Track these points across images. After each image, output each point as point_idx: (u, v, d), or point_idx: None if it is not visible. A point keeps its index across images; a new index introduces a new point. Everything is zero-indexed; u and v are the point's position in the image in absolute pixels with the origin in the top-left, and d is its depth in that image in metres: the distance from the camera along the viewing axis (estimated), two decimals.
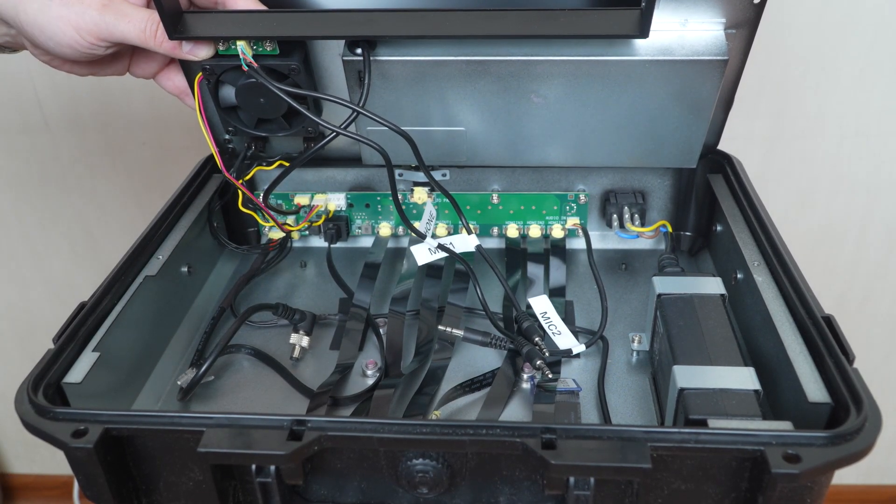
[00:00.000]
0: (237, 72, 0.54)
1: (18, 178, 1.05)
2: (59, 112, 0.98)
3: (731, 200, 0.62)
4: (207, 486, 0.43)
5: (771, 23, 0.84)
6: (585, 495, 0.39)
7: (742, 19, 0.53)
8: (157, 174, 1.03)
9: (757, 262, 0.55)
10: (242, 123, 0.59)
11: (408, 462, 0.42)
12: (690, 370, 0.46)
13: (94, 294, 0.52)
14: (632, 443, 0.38)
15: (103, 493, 0.42)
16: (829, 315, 0.47)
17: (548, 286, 0.64)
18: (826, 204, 1.00)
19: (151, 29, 0.50)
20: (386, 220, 0.71)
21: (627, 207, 0.67)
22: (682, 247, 0.69)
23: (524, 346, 0.54)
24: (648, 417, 0.53)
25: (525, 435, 0.39)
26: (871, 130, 0.94)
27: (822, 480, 0.39)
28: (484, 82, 0.55)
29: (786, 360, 0.46)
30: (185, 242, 0.62)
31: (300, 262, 0.71)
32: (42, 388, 0.45)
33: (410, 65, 0.55)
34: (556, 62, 0.54)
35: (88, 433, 0.40)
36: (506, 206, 0.69)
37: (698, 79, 0.54)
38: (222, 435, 0.40)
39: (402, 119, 0.57)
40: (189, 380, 0.53)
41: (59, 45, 0.50)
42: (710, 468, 0.40)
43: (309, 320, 0.60)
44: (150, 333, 0.57)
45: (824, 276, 1.07)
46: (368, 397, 0.53)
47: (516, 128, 0.59)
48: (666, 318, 0.52)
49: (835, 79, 0.90)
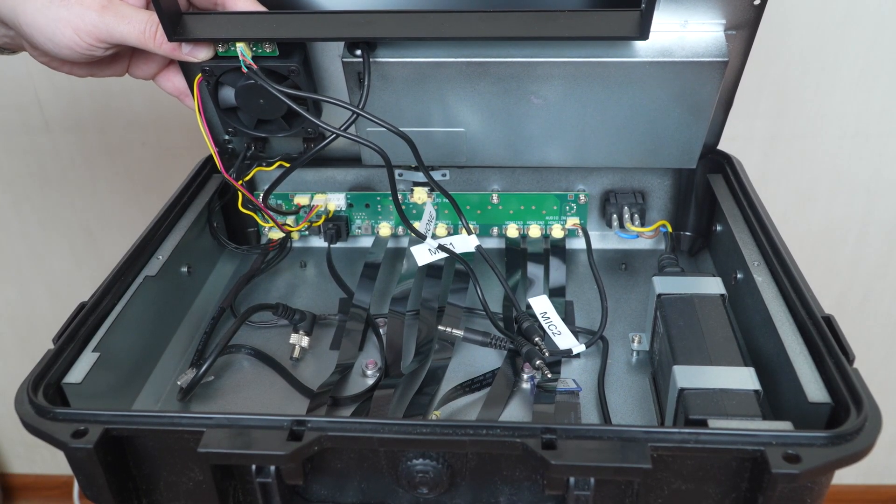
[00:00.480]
0: (237, 73, 0.54)
1: (18, 178, 1.05)
2: (59, 112, 0.98)
3: (731, 200, 0.62)
4: (207, 486, 0.43)
5: (771, 23, 0.84)
6: (585, 495, 0.39)
7: (742, 20, 0.53)
8: (157, 174, 1.03)
9: (757, 262, 0.55)
10: (242, 124, 0.59)
11: (408, 462, 0.42)
12: (690, 370, 0.46)
13: (94, 294, 0.52)
14: (632, 443, 0.38)
15: (103, 494, 0.42)
16: (829, 315, 0.47)
17: (548, 286, 0.64)
18: (826, 204, 1.00)
19: (151, 30, 0.50)
20: (386, 220, 0.71)
21: (627, 207, 0.67)
22: (682, 247, 0.69)
23: (524, 346, 0.54)
24: (648, 417, 0.53)
25: (525, 435, 0.39)
26: (871, 130, 0.94)
27: (822, 480, 0.39)
28: (484, 84, 0.55)
29: (786, 360, 0.46)
30: (185, 242, 0.62)
31: (300, 262, 0.71)
32: (42, 388, 0.45)
33: (410, 66, 0.55)
34: (556, 63, 0.53)
35: (88, 433, 0.40)
36: (506, 206, 0.69)
37: (698, 80, 0.54)
38: (222, 435, 0.40)
39: (402, 120, 0.57)
40: (189, 380, 0.53)
41: (57, 47, 0.50)
42: (711, 468, 0.40)
43: (309, 320, 0.60)
44: (150, 333, 0.57)
45: (824, 276, 1.07)
46: (368, 397, 0.53)
47: (516, 129, 0.58)
48: (666, 318, 0.52)
49: (835, 79, 0.90)
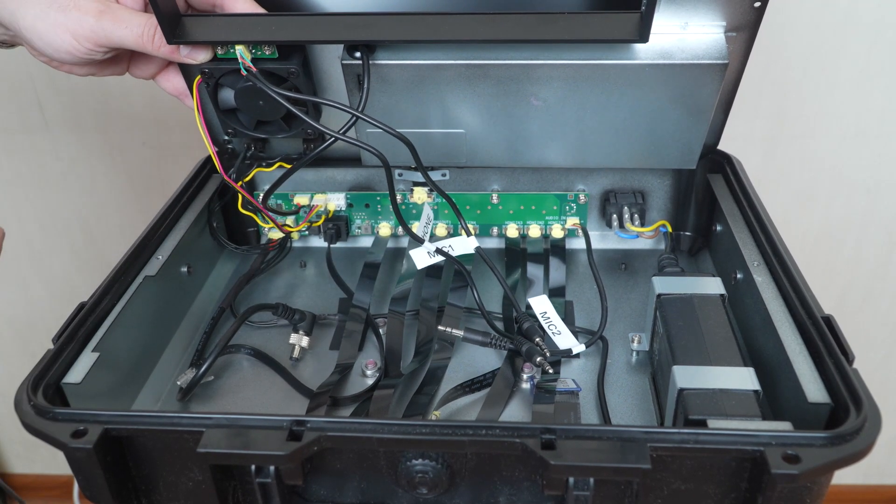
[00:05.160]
0: (236, 74, 0.54)
1: (18, 178, 1.05)
2: (59, 112, 0.98)
3: (730, 200, 0.62)
4: (207, 486, 0.43)
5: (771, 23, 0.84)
6: (585, 496, 0.39)
7: (742, 22, 0.53)
8: (157, 174, 1.03)
9: (757, 262, 0.55)
10: (242, 125, 0.59)
11: (407, 462, 0.42)
12: (690, 370, 0.46)
13: (94, 294, 0.52)
14: (631, 443, 0.38)
15: (103, 494, 0.42)
16: (828, 315, 0.47)
17: (547, 286, 0.64)
18: (826, 204, 1.00)
19: (149, 34, 0.50)
20: (385, 220, 0.71)
21: (627, 207, 0.67)
22: (681, 247, 0.69)
23: (524, 345, 0.54)
24: (648, 417, 0.53)
25: (525, 435, 0.39)
26: (871, 130, 0.94)
27: (821, 481, 0.39)
28: (483, 86, 0.55)
29: (785, 360, 0.46)
30: (185, 242, 0.62)
31: (300, 262, 0.71)
32: (42, 388, 0.45)
33: (410, 68, 0.55)
34: (556, 66, 0.53)
35: (88, 433, 0.40)
36: (505, 206, 0.69)
37: (698, 82, 0.54)
38: (222, 435, 0.40)
39: (402, 122, 0.57)
40: (189, 380, 0.53)
41: (56, 51, 0.50)
42: (710, 468, 0.40)
43: (309, 320, 0.60)
44: (150, 333, 0.57)
45: (824, 276, 1.06)
46: (368, 397, 0.53)
47: (516, 131, 0.58)
48: (666, 318, 0.52)
49: (835, 79, 0.90)
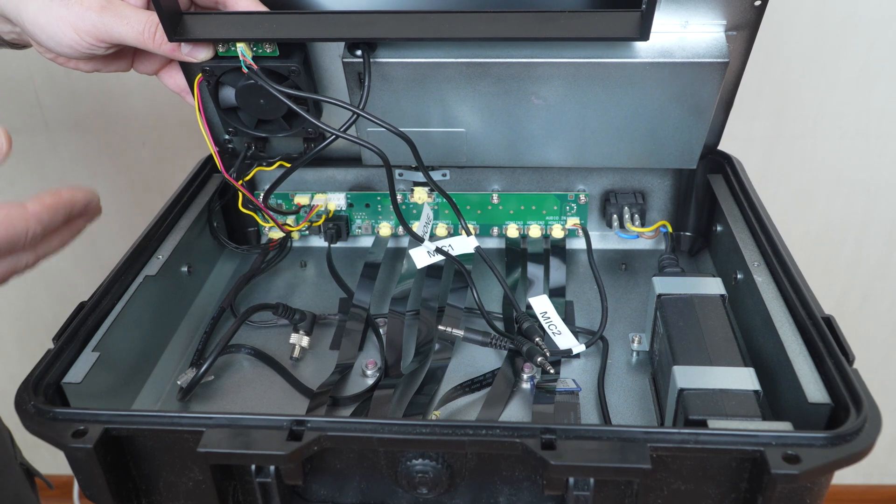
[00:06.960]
0: (237, 73, 0.54)
1: (18, 178, 1.05)
2: (59, 112, 0.98)
3: (731, 201, 0.62)
4: (207, 486, 0.43)
5: (771, 23, 0.84)
6: (585, 496, 0.39)
7: (743, 21, 0.53)
8: (157, 174, 1.03)
9: (757, 263, 0.55)
10: (242, 124, 0.59)
11: (407, 462, 0.42)
12: (690, 370, 0.46)
13: (94, 294, 0.52)
14: (631, 443, 0.38)
15: (103, 493, 0.42)
16: (828, 315, 0.47)
17: (548, 286, 0.64)
18: (826, 204, 1.00)
19: (150, 31, 0.50)
20: (386, 220, 0.71)
21: (627, 207, 0.67)
22: (682, 247, 0.69)
23: (525, 345, 0.54)
24: (648, 418, 0.53)
25: (525, 435, 0.39)
26: (871, 130, 0.94)
27: (821, 481, 0.39)
28: (484, 84, 0.55)
29: (786, 360, 0.46)
30: (185, 242, 0.62)
31: (300, 262, 0.71)
32: (42, 388, 0.45)
33: (410, 66, 0.55)
34: (557, 64, 0.53)
35: (88, 433, 0.40)
36: (506, 206, 0.69)
37: (699, 81, 0.54)
38: (222, 435, 0.40)
39: (402, 120, 0.57)
40: (189, 380, 0.53)
41: (59, 45, 0.50)
42: (710, 469, 0.40)
43: (309, 320, 0.60)
44: (150, 333, 0.57)
45: (824, 276, 1.07)
46: (368, 397, 0.53)
47: (516, 129, 0.58)
48: (666, 319, 0.52)
49: (835, 79, 0.90)
